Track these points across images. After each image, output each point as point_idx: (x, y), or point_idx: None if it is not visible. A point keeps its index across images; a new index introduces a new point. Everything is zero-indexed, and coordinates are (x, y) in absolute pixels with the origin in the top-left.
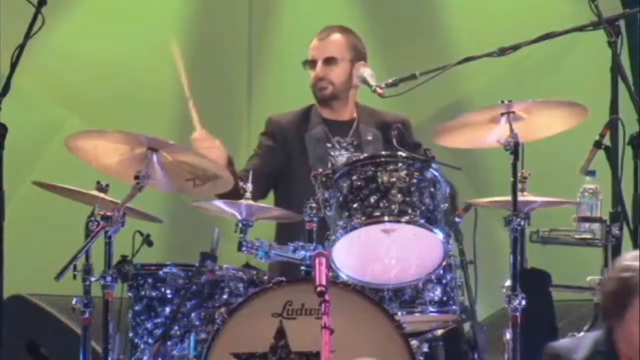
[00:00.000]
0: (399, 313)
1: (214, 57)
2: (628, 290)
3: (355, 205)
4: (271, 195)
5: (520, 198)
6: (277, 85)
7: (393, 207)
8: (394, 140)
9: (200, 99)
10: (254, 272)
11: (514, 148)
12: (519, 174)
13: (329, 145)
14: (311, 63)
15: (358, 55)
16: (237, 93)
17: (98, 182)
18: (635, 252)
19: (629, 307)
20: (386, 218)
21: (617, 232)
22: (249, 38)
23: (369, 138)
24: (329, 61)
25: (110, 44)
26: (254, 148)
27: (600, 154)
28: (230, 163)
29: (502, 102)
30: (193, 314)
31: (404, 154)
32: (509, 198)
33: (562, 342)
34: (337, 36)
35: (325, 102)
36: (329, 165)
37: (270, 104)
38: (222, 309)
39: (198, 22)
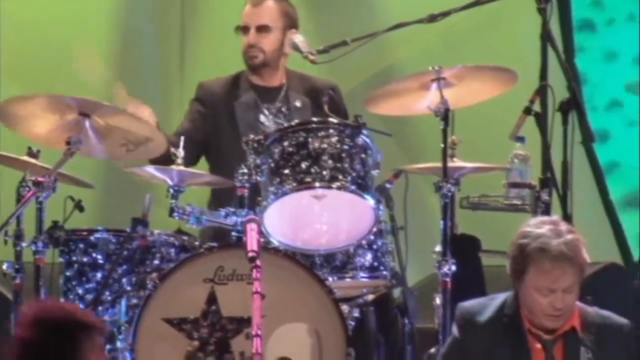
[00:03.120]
0: (330, 278)
1: (147, 23)
2: (525, 256)
3: (286, 171)
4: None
5: (450, 164)
6: (210, 51)
7: (324, 173)
8: (325, 107)
9: (134, 65)
10: (186, 238)
11: (445, 114)
12: (449, 140)
13: (257, 112)
14: (243, 29)
15: (291, 22)
16: (170, 58)
17: (29, 148)
18: (539, 218)
19: (525, 275)
20: (317, 184)
21: (547, 197)
22: (181, 4)
23: (298, 105)
24: (262, 29)
25: (44, 10)
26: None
27: (530, 120)
28: (158, 127)
29: (433, 68)
30: (124, 280)
31: (335, 120)
32: (439, 164)
33: (471, 303)
34: (270, 3)
35: (255, 70)
36: (259, 132)
37: (202, 69)
38: (154, 275)
39: None
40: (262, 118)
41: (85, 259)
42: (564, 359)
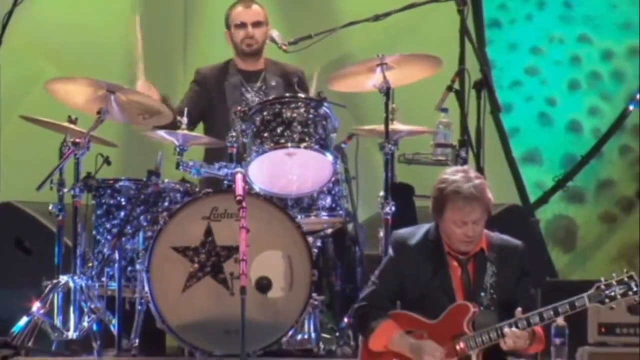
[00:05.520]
0: (299, 217)
1: (155, 16)
2: (443, 198)
3: (265, 135)
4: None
5: (391, 126)
6: (207, 40)
7: (295, 135)
8: (296, 86)
9: (145, 50)
10: (188, 185)
11: (386, 91)
12: (390, 110)
13: (243, 90)
14: (241, 25)
15: (267, 21)
16: (175, 46)
17: (69, 116)
18: (454, 167)
19: (444, 211)
20: (289, 144)
21: (464, 155)
22: (184, 2)
23: (273, 84)
24: (257, 24)
25: (78, 12)
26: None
27: (452, 95)
28: (164, 101)
29: (377, 55)
30: (142, 217)
31: (302, 96)
32: (382, 126)
33: (403, 230)
34: (257, 6)
35: (250, 56)
36: (243, 105)
37: (201, 54)
38: (164, 213)
39: None
40: (246, 95)
41: (111, 202)
42: (475, 272)
